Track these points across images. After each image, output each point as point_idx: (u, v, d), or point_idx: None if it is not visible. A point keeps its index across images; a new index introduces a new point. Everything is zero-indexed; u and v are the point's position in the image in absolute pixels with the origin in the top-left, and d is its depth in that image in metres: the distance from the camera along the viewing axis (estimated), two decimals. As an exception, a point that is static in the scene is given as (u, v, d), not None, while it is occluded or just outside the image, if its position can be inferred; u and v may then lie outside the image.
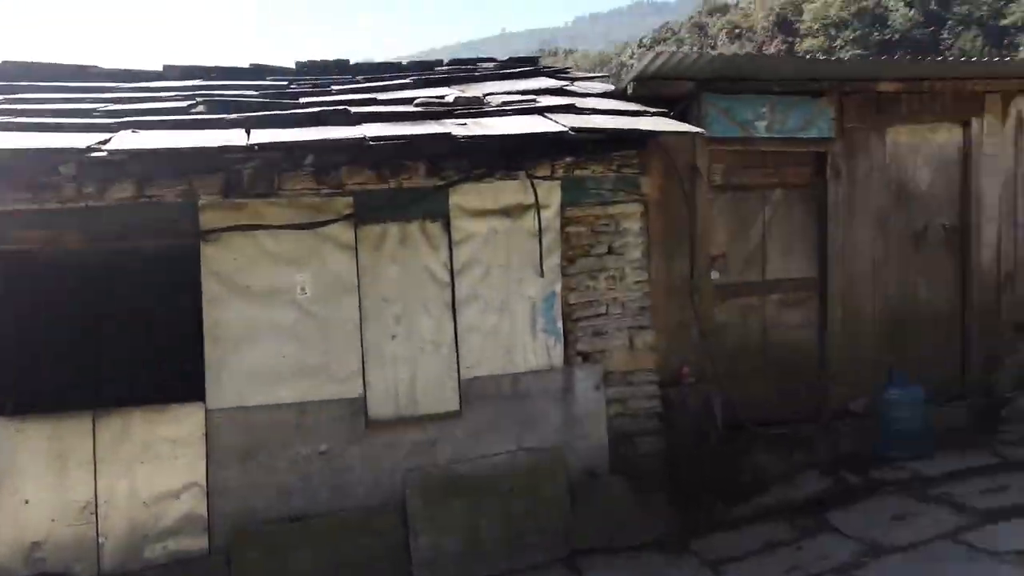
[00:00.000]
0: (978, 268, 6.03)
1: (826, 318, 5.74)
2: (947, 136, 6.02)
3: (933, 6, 25.03)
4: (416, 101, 4.81)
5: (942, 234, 6.04)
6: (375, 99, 5.03)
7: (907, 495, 4.82)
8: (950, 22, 24.39)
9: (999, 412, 5.67)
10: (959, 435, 5.60)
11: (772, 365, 5.72)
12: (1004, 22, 23.04)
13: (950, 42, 23.59)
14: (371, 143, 3.94)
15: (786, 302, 5.78)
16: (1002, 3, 23.25)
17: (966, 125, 5.98)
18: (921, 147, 5.96)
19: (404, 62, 6.79)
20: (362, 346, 4.42)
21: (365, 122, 4.32)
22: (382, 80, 5.76)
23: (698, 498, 4.92)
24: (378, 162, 4.47)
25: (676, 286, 5.25)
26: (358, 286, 4.42)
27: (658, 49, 5.58)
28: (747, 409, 5.48)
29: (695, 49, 6.39)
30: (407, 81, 5.70)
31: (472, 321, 4.60)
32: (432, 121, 4.44)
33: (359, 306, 4.42)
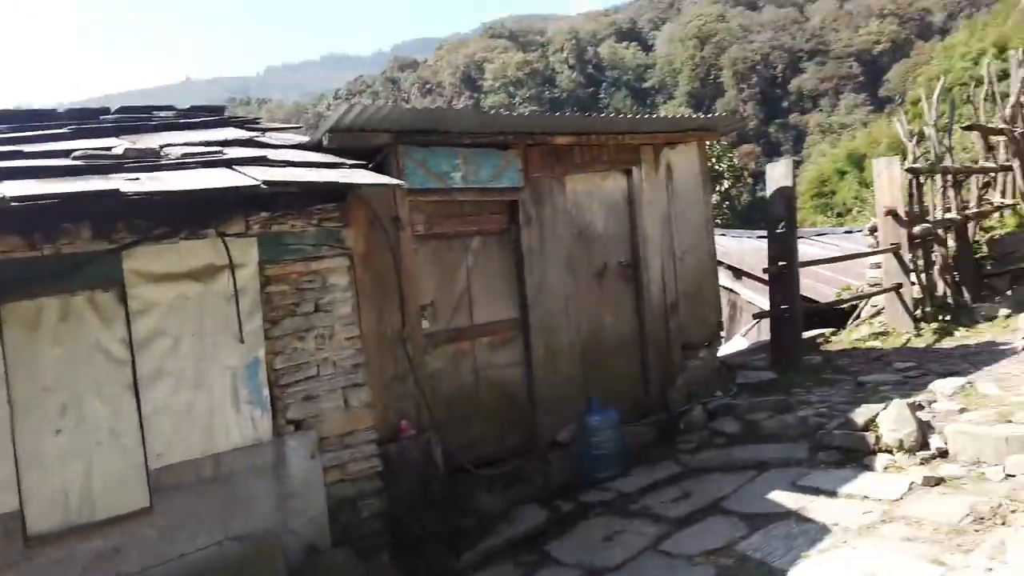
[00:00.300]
0: (649, 299, 6.83)
1: (530, 355, 6.07)
2: (614, 183, 6.78)
3: (591, 70, 28.77)
4: (75, 154, 4.15)
5: (619, 270, 6.76)
6: (21, 151, 4.25)
7: (613, 514, 5.19)
8: (605, 83, 28.18)
9: (678, 425, 6.43)
10: (650, 450, 6.24)
11: (487, 406, 5.89)
12: (645, 85, 27.23)
13: (606, 101, 27.22)
14: (13, 204, 3.29)
15: (495, 344, 6.01)
16: (643, 69, 27.50)
17: (628, 174, 6.80)
18: (595, 193, 6.64)
19: (62, 109, 5.91)
20: (15, 448, 3.61)
21: (6, 179, 3.61)
22: (31, 130, 4.92)
23: (426, 553, 4.82)
24: (27, 226, 3.76)
25: (389, 338, 5.18)
26: (5, 376, 3.62)
27: (353, 101, 5.53)
28: (468, 452, 5.55)
29: (390, 102, 6.45)
30: (65, 131, 4.93)
31: (160, 401, 4.02)
32: (97, 176, 3.85)
33: (7, 400, 3.61)
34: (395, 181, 4.73)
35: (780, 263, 7.60)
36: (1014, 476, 4.21)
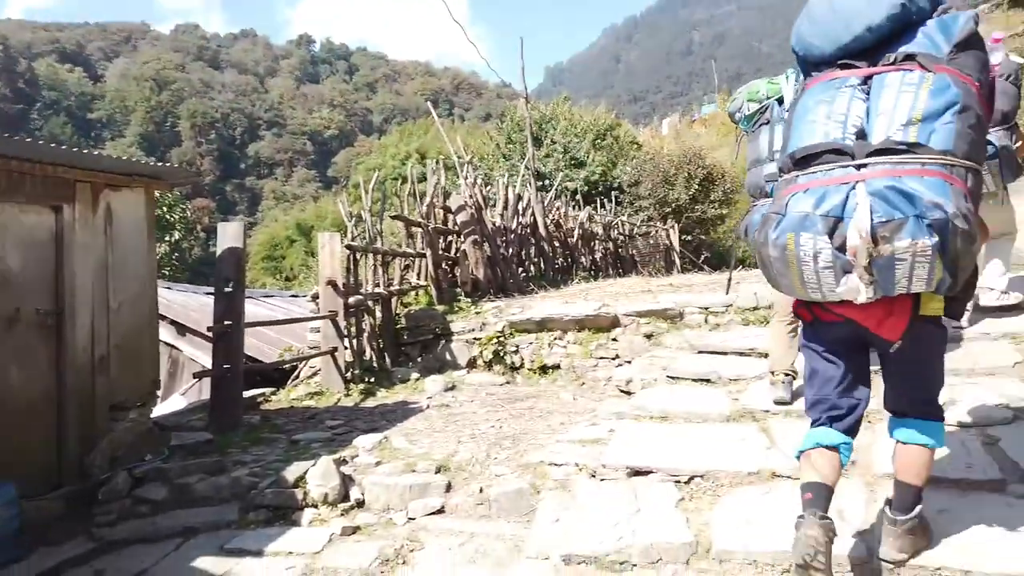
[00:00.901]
0: (74, 352, 6.01)
1: None
2: (39, 219, 5.86)
3: (22, 84, 24.80)
4: None
5: (37, 318, 5.80)
6: None
7: (1, 613, 4.29)
8: (40, 104, 24.57)
9: (97, 495, 5.71)
10: (59, 526, 5.36)
11: None
12: (91, 116, 24.60)
13: (40, 124, 23.70)
14: None
15: None
16: (89, 99, 24.80)
17: (58, 211, 5.96)
18: (12, 228, 5.62)
19: None
20: None
21: None
22: None
23: None
24: None
25: None
26: None
27: None
28: None
29: None
30: None
31: None
32: None
33: None
34: None
35: (226, 322, 7.55)
36: (414, 519, 4.89)
